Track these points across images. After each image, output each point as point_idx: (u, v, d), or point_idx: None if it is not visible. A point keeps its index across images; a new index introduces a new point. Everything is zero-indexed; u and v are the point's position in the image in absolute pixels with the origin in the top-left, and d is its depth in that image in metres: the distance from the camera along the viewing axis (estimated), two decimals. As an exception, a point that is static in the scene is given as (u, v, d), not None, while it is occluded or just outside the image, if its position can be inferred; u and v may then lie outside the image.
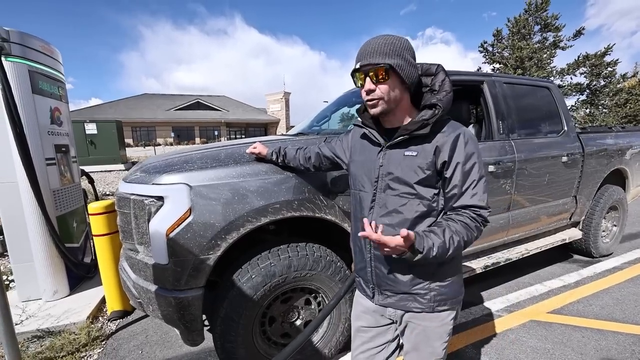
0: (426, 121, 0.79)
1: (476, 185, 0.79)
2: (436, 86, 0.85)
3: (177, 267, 1.20)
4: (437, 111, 0.80)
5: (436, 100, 0.81)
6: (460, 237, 0.77)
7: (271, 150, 1.33)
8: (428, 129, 0.79)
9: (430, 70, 0.87)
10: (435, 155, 0.80)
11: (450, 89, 0.84)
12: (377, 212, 0.88)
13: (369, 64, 0.79)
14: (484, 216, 0.80)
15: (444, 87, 0.84)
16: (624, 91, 16.25)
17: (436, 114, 0.80)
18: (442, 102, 0.81)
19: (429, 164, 0.81)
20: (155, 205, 1.23)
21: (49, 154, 2.17)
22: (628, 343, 1.75)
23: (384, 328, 0.96)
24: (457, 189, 0.80)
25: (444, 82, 0.85)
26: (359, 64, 0.81)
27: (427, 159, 0.81)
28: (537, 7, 16.51)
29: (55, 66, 2.33)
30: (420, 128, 0.80)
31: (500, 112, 2.07)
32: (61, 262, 2.20)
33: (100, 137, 10.63)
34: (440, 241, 0.75)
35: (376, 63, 0.78)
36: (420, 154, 0.81)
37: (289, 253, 1.37)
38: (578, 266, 2.78)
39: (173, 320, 1.27)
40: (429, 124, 0.79)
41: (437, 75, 0.86)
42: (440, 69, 0.87)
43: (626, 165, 2.83)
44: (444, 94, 0.82)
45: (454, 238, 0.76)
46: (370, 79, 0.81)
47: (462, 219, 0.79)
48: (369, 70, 0.80)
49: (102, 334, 1.91)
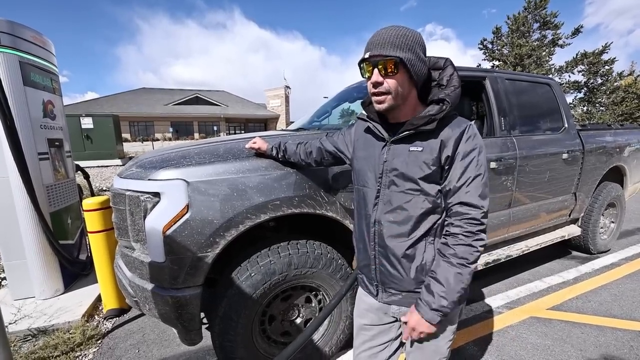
0: (433, 116, 0.76)
1: (472, 182, 0.76)
2: (444, 81, 0.82)
3: (174, 265, 1.17)
4: (444, 107, 0.77)
5: (444, 95, 0.79)
6: (464, 261, 0.75)
7: (271, 146, 1.29)
8: (435, 124, 0.77)
9: (439, 64, 0.84)
10: (440, 151, 0.78)
11: (458, 84, 0.81)
12: (382, 209, 0.85)
13: (379, 54, 0.76)
14: (477, 218, 0.74)
15: (452, 82, 0.81)
16: (620, 89, 16.35)
17: (444, 110, 0.77)
18: (450, 97, 0.78)
19: (435, 159, 0.78)
20: (151, 202, 1.20)
21: (42, 149, 2.11)
22: (626, 339, 1.76)
23: (387, 326, 0.94)
24: (452, 184, 0.77)
25: (452, 76, 0.81)
26: (368, 53, 0.77)
27: (432, 154, 0.78)
28: (536, 5, 16.47)
29: (48, 57, 2.26)
30: (427, 123, 0.77)
31: (502, 108, 2.05)
32: (55, 259, 2.16)
33: (96, 132, 10.47)
34: (443, 289, 0.76)
35: (386, 55, 0.75)
36: (426, 149, 0.79)
37: (289, 250, 1.35)
38: (577, 262, 2.80)
39: (170, 320, 1.24)
40: (436, 120, 0.77)
41: (446, 70, 0.83)
42: (448, 63, 0.84)
43: (624, 163, 2.84)
44: (452, 89, 0.79)
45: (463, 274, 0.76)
46: (379, 72, 0.77)
47: (456, 242, 0.76)
48: (378, 61, 0.76)
49: (98, 332, 1.87)
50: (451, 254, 0.76)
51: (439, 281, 0.76)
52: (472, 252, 0.75)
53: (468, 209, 0.76)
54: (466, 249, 0.75)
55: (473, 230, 0.75)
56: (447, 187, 0.79)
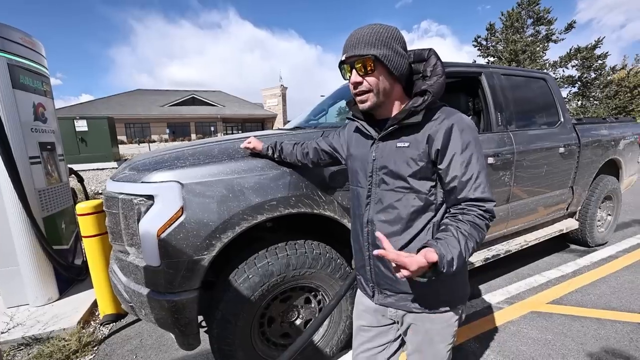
0: (415, 109, 0.74)
1: (478, 177, 0.73)
2: (428, 72, 0.79)
3: (169, 269, 1.15)
4: (427, 97, 0.74)
5: (426, 86, 0.76)
6: (473, 241, 0.70)
7: (267, 145, 1.27)
8: (419, 116, 0.74)
9: (422, 56, 0.81)
10: (428, 145, 0.75)
11: (442, 72, 0.77)
12: (374, 209, 0.83)
13: (353, 55, 0.75)
14: (490, 211, 0.73)
15: (435, 72, 0.78)
16: (613, 83, 16.55)
17: (426, 101, 0.74)
18: (433, 87, 0.75)
19: (422, 154, 0.76)
20: (145, 205, 1.17)
21: (33, 152, 2.07)
22: (626, 331, 1.77)
23: (385, 328, 0.93)
24: (456, 180, 0.73)
25: (435, 66, 0.79)
26: (345, 55, 0.77)
27: (419, 149, 0.76)
28: (529, 1, 16.59)
29: (38, 60, 2.22)
30: (410, 116, 0.75)
31: (499, 103, 2.04)
32: (49, 265, 2.12)
33: (91, 134, 10.34)
34: (458, 251, 0.66)
35: (361, 54, 0.74)
36: (413, 144, 0.76)
37: (287, 251, 1.33)
38: (575, 256, 2.81)
39: (167, 324, 1.21)
40: (418, 112, 0.74)
41: (429, 60, 0.80)
42: (432, 53, 0.81)
43: (620, 156, 2.85)
44: (435, 79, 0.77)
45: (469, 244, 0.69)
46: (357, 71, 0.76)
47: (471, 219, 0.71)
48: (355, 61, 0.76)
49: (94, 339, 1.84)
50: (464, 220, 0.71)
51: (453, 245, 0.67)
52: (479, 235, 0.71)
53: (482, 203, 0.73)
54: (478, 229, 0.71)
55: (486, 216, 0.73)
56: (452, 184, 0.75)
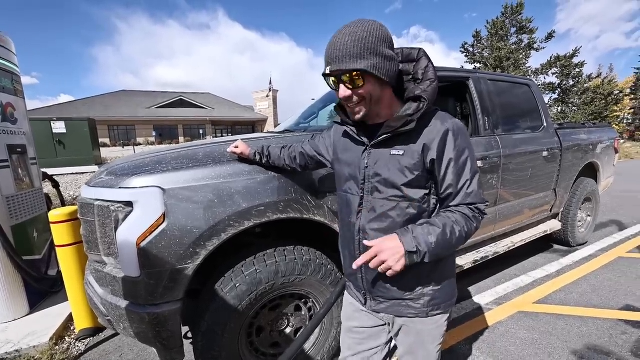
0: (411, 117, 0.71)
1: (471, 183, 0.74)
2: (419, 74, 0.76)
3: (150, 280, 1.08)
4: (422, 105, 0.71)
5: (420, 91, 0.72)
6: (461, 227, 0.72)
7: (254, 151, 1.22)
8: (413, 124, 0.71)
9: (412, 56, 0.78)
10: (424, 154, 0.73)
11: (434, 76, 0.74)
12: (366, 217, 0.80)
13: (338, 70, 0.69)
14: (481, 209, 0.76)
15: (427, 76, 0.74)
16: (590, 90, 17.50)
17: (421, 108, 0.71)
18: (427, 93, 0.72)
19: (417, 164, 0.74)
20: (123, 212, 1.10)
21: (1, 156, 1.92)
22: (606, 327, 1.83)
23: (377, 329, 0.91)
24: (452, 188, 0.74)
25: (427, 69, 0.75)
26: (329, 68, 0.71)
27: (414, 158, 0.73)
28: (512, 10, 17.31)
29: (7, 56, 2.07)
30: (405, 125, 0.71)
31: (486, 108, 2.08)
32: (18, 277, 1.97)
33: (70, 137, 9.85)
34: (439, 230, 0.69)
35: (347, 69, 0.68)
36: (407, 153, 0.74)
37: (276, 258, 1.28)
38: (558, 255, 2.90)
39: (148, 339, 1.14)
40: (414, 120, 0.71)
41: (420, 62, 0.77)
42: (422, 53, 0.78)
43: (598, 159, 2.99)
44: (428, 84, 0.73)
45: (455, 228, 0.71)
46: (344, 85, 0.71)
47: (460, 210, 0.74)
48: (342, 75, 0.70)
49: (69, 356, 1.71)
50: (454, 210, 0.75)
51: (434, 224, 0.71)
52: (468, 225, 0.73)
53: (476, 206, 0.76)
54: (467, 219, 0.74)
55: (476, 211, 0.76)
56: (446, 192, 0.75)
